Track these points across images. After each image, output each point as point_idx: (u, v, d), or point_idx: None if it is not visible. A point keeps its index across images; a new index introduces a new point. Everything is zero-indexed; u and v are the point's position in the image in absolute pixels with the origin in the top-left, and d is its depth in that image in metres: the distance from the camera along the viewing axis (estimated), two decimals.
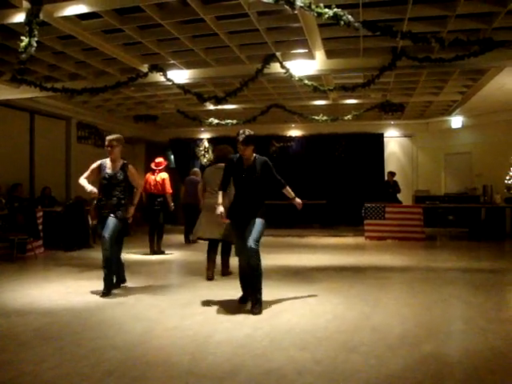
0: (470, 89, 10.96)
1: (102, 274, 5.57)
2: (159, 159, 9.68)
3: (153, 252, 9.27)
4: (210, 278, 6.55)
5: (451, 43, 6.52)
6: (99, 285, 5.67)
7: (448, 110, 13.88)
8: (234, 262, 5.98)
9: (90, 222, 10.62)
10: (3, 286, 6.10)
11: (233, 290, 5.76)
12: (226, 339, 3.85)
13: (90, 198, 7.18)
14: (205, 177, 6.84)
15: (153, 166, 9.59)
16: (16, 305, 5.11)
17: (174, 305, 5.12)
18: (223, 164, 6.15)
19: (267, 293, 5.58)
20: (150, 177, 9.42)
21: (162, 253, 9.30)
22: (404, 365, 3.27)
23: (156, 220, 9.32)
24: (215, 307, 4.99)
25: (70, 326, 4.30)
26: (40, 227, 9.32)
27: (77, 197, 10.93)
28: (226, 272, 6.82)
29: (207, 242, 6.73)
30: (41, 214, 9.55)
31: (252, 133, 4.99)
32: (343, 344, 3.73)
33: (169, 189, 9.35)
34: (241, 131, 4.97)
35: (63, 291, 5.78)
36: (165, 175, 9.40)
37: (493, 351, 3.55)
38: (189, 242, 10.85)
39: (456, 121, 14.47)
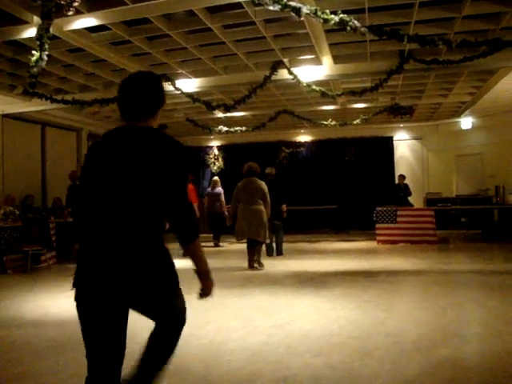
0: (480, 90, 10.89)
1: None
2: None
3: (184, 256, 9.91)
4: (251, 267, 8.04)
5: (459, 45, 6.49)
6: None
7: (457, 112, 13.80)
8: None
9: None
10: (18, 297, 6.17)
11: (246, 297, 5.78)
12: (241, 346, 3.85)
13: None
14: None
15: None
16: (31, 316, 5.15)
17: (187, 313, 5.11)
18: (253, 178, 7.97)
19: (281, 299, 5.58)
20: None
21: None
22: (420, 369, 3.25)
23: None
24: (229, 314, 4.99)
25: None
26: (53, 238, 9.41)
27: None
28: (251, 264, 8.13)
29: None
30: (53, 225, 9.65)
31: None
32: (358, 349, 3.71)
33: (193, 199, 10.22)
34: None
35: None
36: (190, 187, 10.11)
37: (510, 354, 3.52)
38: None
39: (466, 122, 14.37)
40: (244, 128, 13.18)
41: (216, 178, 12.45)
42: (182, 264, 2.41)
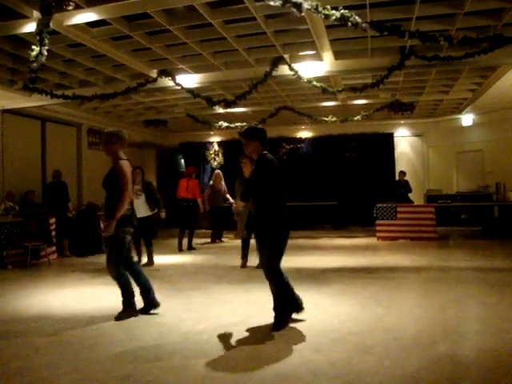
0: (481, 86, 10.87)
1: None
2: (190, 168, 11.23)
3: (180, 250, 10.08)
4: (243, 267, 7.86)
5: (460, 41, 6.46)
6: (112, 290, 5.69)
7: (458, 108, 13.78)
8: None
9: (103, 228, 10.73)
10: (18, 293, 6.17)
11: (246, 293, 5.78)
12: (241, 342, 3.86)
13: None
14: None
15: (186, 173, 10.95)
16: (31, 311, 5.16)
17: (187, 309, 5.13)
18: None
19: None
20: (184, 182, 10.50)
21: (194, 249, 10.39)
22: (419, 365, 3.26)
23: (188, 220, 10.25)
24: (229, 310, 5.00)
25: (84, 331, 4.34)
26: (53, 233, 9.41)
27: (89, 202, 11.04)
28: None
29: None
30: (53, 220, 9.65)
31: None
32: (357, 345, 3.71)
33: (197, 194, 10.51)
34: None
35: (77, 297, 5.84)
36: (194, 182, 10.59)
37: (508, 351, 3.52)
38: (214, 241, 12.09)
39: (466, 118, 14.35)
40: (244, 124, 13.15)
41: (218, 171, 12.34)
42: (182, 259, 2.42)
